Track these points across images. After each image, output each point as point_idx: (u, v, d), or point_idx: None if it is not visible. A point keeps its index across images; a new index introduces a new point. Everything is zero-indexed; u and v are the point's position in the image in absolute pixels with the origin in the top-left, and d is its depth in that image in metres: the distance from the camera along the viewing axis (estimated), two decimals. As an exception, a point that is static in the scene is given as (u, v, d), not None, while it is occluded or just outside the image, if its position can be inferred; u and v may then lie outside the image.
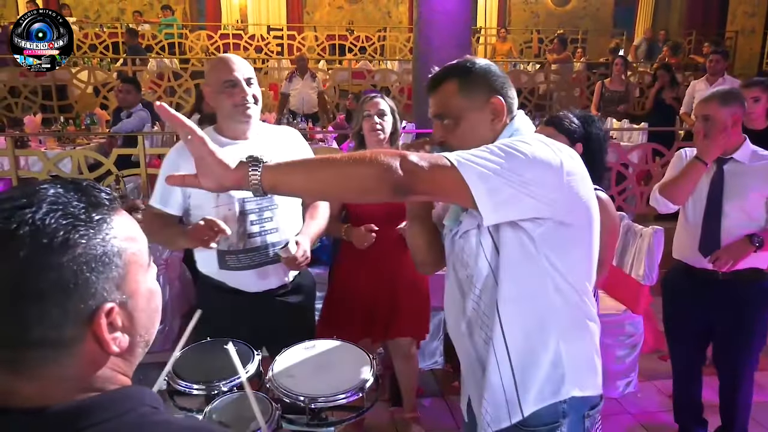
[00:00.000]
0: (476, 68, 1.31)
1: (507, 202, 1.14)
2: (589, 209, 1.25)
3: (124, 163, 4.29)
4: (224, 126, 1.98)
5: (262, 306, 2.02)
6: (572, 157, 1.22)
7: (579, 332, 1.31)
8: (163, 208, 1.97)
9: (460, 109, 1.28)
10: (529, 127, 1.35)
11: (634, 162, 4.96)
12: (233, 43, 11.55)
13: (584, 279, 1.30)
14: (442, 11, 4.55)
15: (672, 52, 9.78)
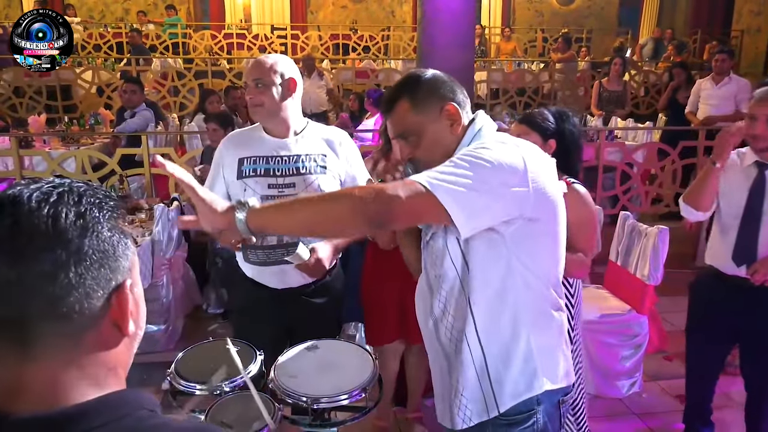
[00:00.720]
0: (422, 81, 1.35)
1: (480, 213, 1.19)
2: (554, 201, 1.30)
3: (128, 163, 4.30)
4: (263, 123, 2.04)
5: (288, 303, 2.04)
6: (532, 152, 1.28)
7: (547, 323, 1.36)
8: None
9: (417, 124, 1.33)
10: (491, 126, 1.38)
11: (638, 161, 4.94)
12: (237, 42, 11.56)
13: (552, 269, 1.36)
14: (446, 10, 4.53)
15: (677, 51, 9.73)
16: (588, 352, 2.94)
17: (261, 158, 1.99)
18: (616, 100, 6.41)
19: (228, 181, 2.01)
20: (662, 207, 5.10)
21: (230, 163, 2.00)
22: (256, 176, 1.96)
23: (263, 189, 1.96)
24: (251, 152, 2.00)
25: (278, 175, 1.97)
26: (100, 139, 5.64)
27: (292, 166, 1.99)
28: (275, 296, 2.03)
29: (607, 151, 4.95)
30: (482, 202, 1.18)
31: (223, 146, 2.05)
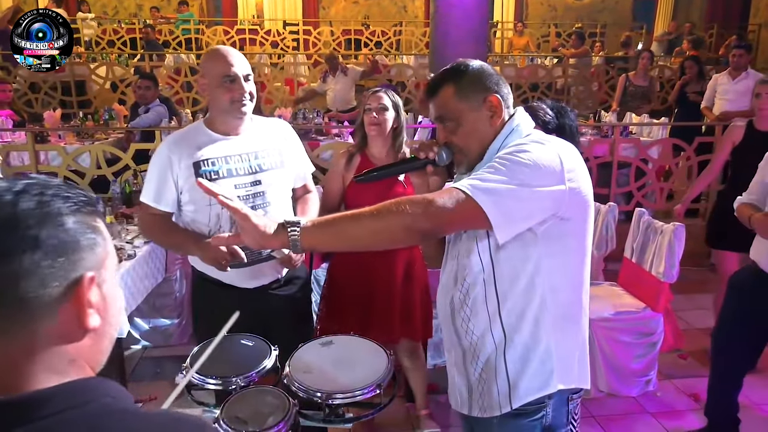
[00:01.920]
0: (469, 70, 1.36)
1: (520, 218, 1.23)
2: (587, 201, 1.31)
3: (141, 158, 4.32)
4: (217, 120, 1.95)
5: (256, 300, 2.00)
6: (568, 151, 1.29)
7: (570, 328, 1.36)
8: (157, 205, 1.93)
9: (458, 111, 1.34)
10: (528, 123, 1.39)
11: (653, 157, 4.89)
12: (249, 38, 11.58)
13: (579, 270, 1.37)
14: (459, 5, 4.51)
15: (693, 46, 9.60)
16: (602, 350, 2.92)
17: (220, 159, 1.91)
18: (642, 95, 6.34)
19: (185, 187, 1.90)
20: (677, 204, 5.04)
21: (184, 169, 1.88)
22: (219, 178, 1.89)
23: (229, 190, 1.86)
24: (204, 154, 1.90)
25: (242, 174, 1.92)
26: (114, 134, 5.68)
27: (253, 163, 1.94)
28: (246, 296, 1.97)
29: (622, 146, 4.90)
30: (522, 207, 1.22)
31: (168, 150, 1.91)
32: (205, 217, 1.92)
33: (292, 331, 2.14)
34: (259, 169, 1.95)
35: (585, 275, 1.39)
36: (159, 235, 2.01)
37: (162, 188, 1.91)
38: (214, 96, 1.90)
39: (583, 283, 1.39)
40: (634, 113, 6.27)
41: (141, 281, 2.93)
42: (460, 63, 1.40)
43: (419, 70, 9.25)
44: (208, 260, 1.86)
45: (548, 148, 1.26)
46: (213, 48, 1.99)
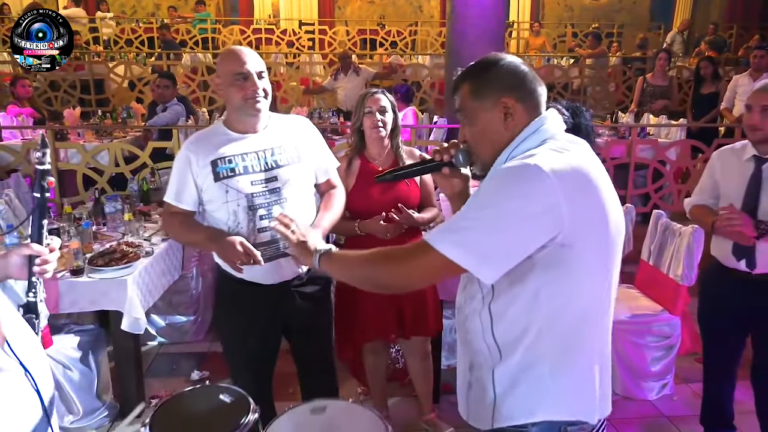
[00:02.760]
0: (488, 68, 1.29)
1: (502, 255, 1.15)
2: (597, 224, 1.18)
3: (159, 156, 4.37)
4: (234, 119, 1.98)
5: (279, 298, 2.02)
6: (574, 169, 1.16)
7: (571, 361, 1.25)
8: (179, 204, 1.98)
9: (472, 110, 1.29)
10: (551, 129, 1.26)
11: (671, 159, 4.84)
12: (265, 37, 11.64)
13: (588, 300, 1.24)
14: (476, 5, 4.50)
15: (711, 47, 9.48)
16: (618, 353, 2.90)
17: (236, 156, 1.94)
18: (661, 96, 6.28)
19: (204, 185, 1.94)
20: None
21: (202, 168, 1.92)
22: (235, 175, 1.92)
23: (246, 187, 1.92)
24: (222, 152, 1.93)
25: (258, 171, 1.94)
26: (132, 133, 5.74)
27: (270, 159, 1.96)
28: (269, 292, 2.00)
29: (639, 148, 4.86)
30: (501, 244, 1.14)
31: (188, 150, 1.95)
32: (223, 215, 1.94)
33: (312, 330, 2.16)
34: (275, 165, 1.96)
35: (599, 305, 1.26)
36: (179, 232, 2.04)
37: (182, 187, 1.96)
38: (228, 95, 1.92)
39: (598, 313, 1.27)
40: (652, 113, 6.21)
41: (158, 278, 2.96)
42: (483, 59, 1.32)
43: (434, 70, 9.24)
44: (225, 258, 1.89)
45: (539, 169, 1.12)
46: (227, 48, 2.00)
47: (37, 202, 1.32)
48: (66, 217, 3.32)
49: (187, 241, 2.10)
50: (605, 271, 1.25)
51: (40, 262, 1.33)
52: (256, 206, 1.93)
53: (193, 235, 2.00)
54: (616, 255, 1.27)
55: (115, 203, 3.45)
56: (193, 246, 2.16)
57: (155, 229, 3.32)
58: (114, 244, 2.97)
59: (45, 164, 1.32)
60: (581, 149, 1.24)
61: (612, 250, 1.24)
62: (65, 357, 2.65)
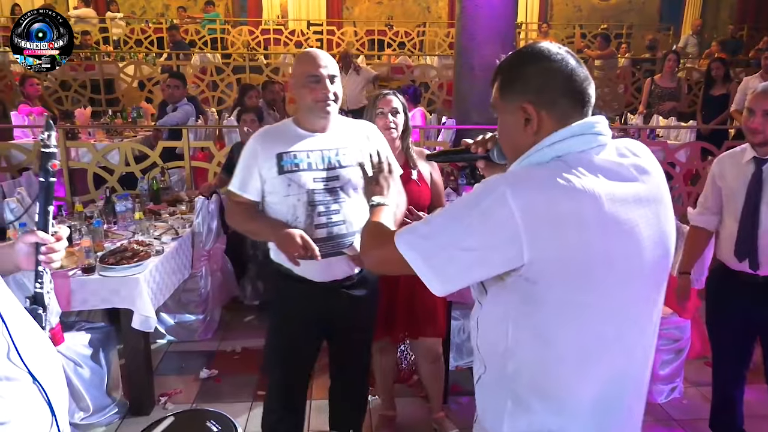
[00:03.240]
0: (521, 65, 1.15)
1: (454, 273, 1.10)
2: (576, 264, 1.04)
3: (169, 156, 4.39)
4: (303, 118, 2.02)
5: (329, 296, 2.04)
6: (557, 199, 1.02)
7: (532, 403, 1.12)
8: (243, 193, 2.01)
9: (498, 107, 1.20)
10: (569, 145, 1.09)
11: (681, 161, 4.82)
12: (273, 38, 11.68)
13: (572, 344, 1.08)
14: (486, 5, 4.49)
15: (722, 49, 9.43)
16: (627, 355, 2.88)
17: (301, 152, 1.98)
18: (670, 98, 6.25)
19: (266, 177, 1.98)
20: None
21: (267, 160, 1.97)
22: (299, 170, 1.96)
23: (308, 183, 1.96)
24: (289, 147, 1.98)
25: (320, 169, 1.98)
26: (142, 132, 5.78)
27: (333, 159, 2.00)
28: (318, 289, 2.02)
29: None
30: (453, 261, 1.08)
31: (256, 142, 2.01)
32: (283, 209, 1.98)
33: (354, 332, 2.17)
34: (338, 165, 2.00)
35: (593, 351, 1.09)
36: (240, 220, 2.07)
37: (247, 178, 2.00)
38: (299, 95, 1.97)
39: (590, 361, 1.09)
40: (661, 115, 6.19)
41: (168, 277, 2.98)
42: (524, 51, 1.18)
43: (442, 70, 9.24)
44: (283, 248, 1.91)
45: (503, 196, 1.02)
46: (304, 50, 2.05)
47: (42, 186, 1.28)
48: (77, 216, 3.35)
49: (248, 229, 2.12)
50: (606, 314, 1.08)
51: (46, 251, 1.27)
52: (316, 203, 1.96)
53: (254, 223, 2.04)
54: (632, 297, 1.11)
55: (125, 202, 3.47)
56: (252, 235, 2.20)
57: (165, 228, 3.34)
58: (125, 242, 3.00)
59: (50, 147, 1.28)
60: (590, 179, 1.05)
61: (618, 292, 1.08)
62: (76, 354, 2.67)
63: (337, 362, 2.27)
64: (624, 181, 1.09)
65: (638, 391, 1.20)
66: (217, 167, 4.29)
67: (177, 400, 2.98)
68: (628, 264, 1.08)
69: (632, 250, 1.08)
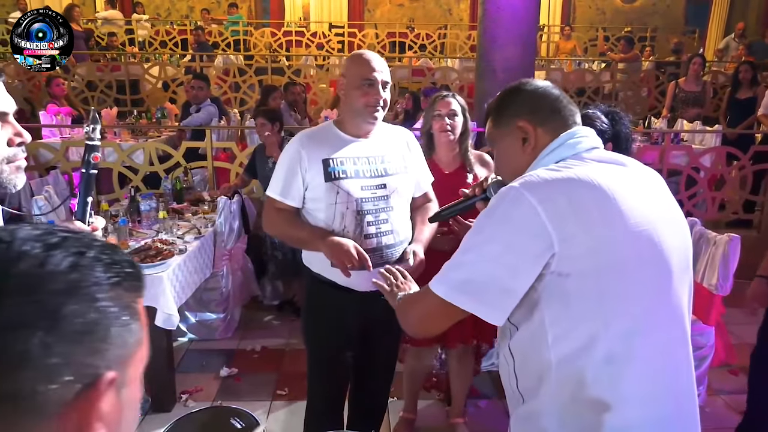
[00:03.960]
0: (509, 94, 1.27)
1: (496, 293, 1.07)
2: (606, 251, 1.05)
3: (192, 156, 4.45)
4: (349, 122, 1.95)
5: (368, 304, 1.95)
6: (569, 186, 1.07)
7: (578, 413, 1.09)
8: (284, 200, 1.93)
9: (494, 137, 1.27)
10: (567, 149, 1.17)
11: (706, 166, 4.75)
12: (296, 40, 11.76)
13: (604, 341, 1.05)
14: (508, 8, 4.48)
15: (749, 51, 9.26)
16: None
17: (348, 159, 1.91)
18: (694, 101, 6.15)
19: (312, 183, 1.90)
20: (729, 214, 4.89)
21: (313, 165, 1.89)
22: (347, 178, 1.89)
23: (356, 191, 1.89)
24: (335, 153, 1.90)
25: (368, 177, 1.92)
26: (166, 132, 5.86)
27: (380, 166, 1.94)
28: (359, 298, 1.96)
29: (672, 154, 4.78)
30: (494, 278, 1.07)
31: (300, 146, 1.91)
32: (329, 217, 1.90)
33: (389, 339, 2.14)
34: (385, 173, 1.94)
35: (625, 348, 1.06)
36: (284, 229, 2.00)
37: (290, 183, 1.91)
38: (350, 97, 1.90)
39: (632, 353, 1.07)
40: (685, 119, 6.10)
41: (191, 276, 3.02)
42: (508, 86, 1.29)
43: (463, 73, 9.22)
44: (336, 259, 1.83)
45: (518, 191, 1.06)
46: (359, 51, 2.00)
47: (83, 177, 1.31)
48: (102, 214, 3.41)
49: (291, 238, 2.02)
50: (640, 296, 1.08)
51: None
52: (365, 211, 1.90)
53: (299, 232, 1.95)
54: (660, 284, 1.11)
55: (149, 201, 3.53)
56: (296, 243, 2.07)
57: (188, 227, 3.39)
58: (149, 241, 3.04)
59: (94, 140, 1.31)
60: (593, 167, 1.12)
61: (647, 272, 1.09)
62: (100, 350, 2.71)
63: (365, 366, 2.20)
64: (620, 165, 1.17)
65: (685, 349, 1.17)
66: (239, 168, 4.34)
67: (198, 398, 3.02)
68: (652, 246, 1.09)
69: (651, 232, 1.09)
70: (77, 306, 0.49)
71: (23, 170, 1.13)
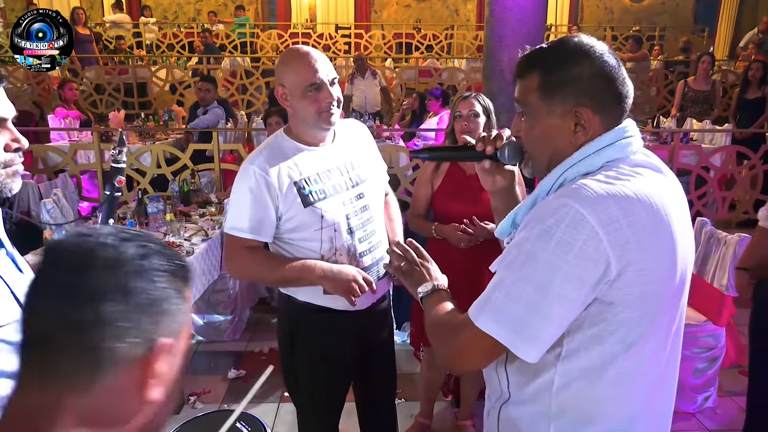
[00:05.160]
0: (572, 63, 1.03)
1: (543, 328, 0.97)
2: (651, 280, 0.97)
3: (199, 158, 4.46)
4: (302, 132, 1.71)
5: (365, 322, 1.83)
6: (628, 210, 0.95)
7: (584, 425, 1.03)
8: (257, 237, 1.66)
9: (536, 109, 1.06)
10: (617, 150, 1.04)
11: (716, 165, 4.71)
12: (302, 41, 11.78)
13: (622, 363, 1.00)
14: (515, 8, 4.46)
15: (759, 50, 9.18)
16: (658, 363, 2.83)
17: (320, 175, 1.69)
18: (704, 101, 6.11)
19: (287, 212, 1.65)
20: (740, 213, 4.85)
21: (284, 191, 1.63)
22: (326, 197, 1.68)
23: (339, 209, 1.69)
24: (303, 172, 1.67)
25: (345, 189, 1.72)
26: (173, 135, 5.88)
27: (353, 175, 1.75)
28: (353, 318, 1.78)
29: (682, 154, 4.74)
30: (543, 310, 0.95)
31: (263, 173, 1.61)
32: (315, 245, 1.68)
33: (386, 344, 2.02)
34: (359, 181, 1.75)
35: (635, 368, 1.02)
36: (262, 272, 1.74)
37: (261, 216, 1.64)
38: (297, 107, 1.65)
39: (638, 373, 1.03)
40: (695, 119, 6.05)
41: (198, 278, 3.03)
42: (568, 45, 1.05)
43: (471, 73, 9.20)
44: (341, 291, 1.65)
45: (578, 213, 0.93)
46: (290, 50, 1.70)
47: (106, 199, 1.32)
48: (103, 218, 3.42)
49: (279, 279, 1.72)
50: (660, 327, 1.03)
51: None
52: (354, 228, 1.72)
53: (284, 272, 1.67)
54: (676, 303, 1.06)
55: (157, 203, 3.54)
56: (279, 284, 1.80)
57: (196, 229, 3.39)
58: (156, 243, 3.05)
59: (120, 163, 1.32)
60: (647, 179, 1.01)
61: (671, 299, 1.04)
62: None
63: (368, 381, 2.03)
64: (663, 175, 1.06)
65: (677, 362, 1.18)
66: (246, 170, 4.34)
67: (206, 400, 3.02)
68: (683, 274, 1.04)
69: (685, 257, 1.03)
70: (143, 284, 0.63)
71: (19, 175, 1.12)
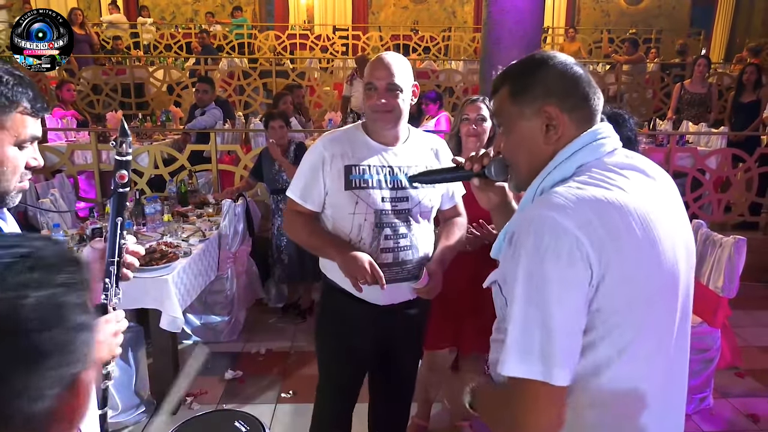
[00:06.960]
0: (534, 69, 1.10)
1: (563, 344, 0.95)
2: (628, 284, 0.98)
3: (196, 159, 4.46)
4: (369, 125, 1.88)
5: (384, 317, 1.90)
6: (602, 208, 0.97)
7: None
8: (303, 203, 1.87)
9: (510, 116, 1.11)
10: (590, 152, 1.06)
11: (711, 168, 4.74)
12: (300, 43, 11.80)
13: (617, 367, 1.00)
14: (512, 10, 4.47)
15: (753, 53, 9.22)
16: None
17: (371, 168, 1.83)
18: (700, 103, 6.13)
19: (331, 188, 1.83)
20: (735, 216, 4.87)
21: (334, 170, 1.81)
22: (368, 188, 1.81)
23: (376, 203, 1.81)
24: (358, 159, 1.82)
25: (390, 188, 1.83)
26: (171, 135, 5.88)
27: (403, 178, 1.85)
28: (374, 312, 1.88)
29: (678, 156, 4.77)
30: (554, 327, 0.94)
31: (324, 149, 1.84)
32: (346, 226, 1.83)
33: (409, 350, 2.07)
34: (407, 186, 1.86)
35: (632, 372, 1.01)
36: (301, 234, 1.92)
37: (311, 186, 1.85)
38: (364, 102, 1.86)
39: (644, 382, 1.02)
40: (691, 122, 6.08)
41: (195, 278, 3.03)
42: (532, 58, 1.13)
43: (468, 75, 9.22)
44: (348, 273, 1.77)
45: (559, 223, 0.95)
46: (380, 54, 1.91)
47: (112, 196, 1.22)
48: (107, 217, 3.42)
49: (308, 244, 1.92)
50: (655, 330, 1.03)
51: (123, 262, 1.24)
52: (383, 224, 1.82)
53: (315, 239, 1.88)
54: (671, 306, 1.05)
55: (154, 204, 3.54)
56: (313, 250, 1.96)
57: (193, 230, 3.39)
58: (153, 244, 3.05)
59: (124, 155, 1.18)
60: (624, 181, 1.02)
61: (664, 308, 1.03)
62: (106, 353, 2.72)
63: (381, 386, 2.13)
64: (646, 176, 1.06)
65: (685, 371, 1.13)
66: (244, 170, 4.34)
67: (203, 401, 3.02)
68: (673, 276, 1.03)
69: (670, 256, 1.03)
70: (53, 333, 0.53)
71: (23, 192, 1.13)
